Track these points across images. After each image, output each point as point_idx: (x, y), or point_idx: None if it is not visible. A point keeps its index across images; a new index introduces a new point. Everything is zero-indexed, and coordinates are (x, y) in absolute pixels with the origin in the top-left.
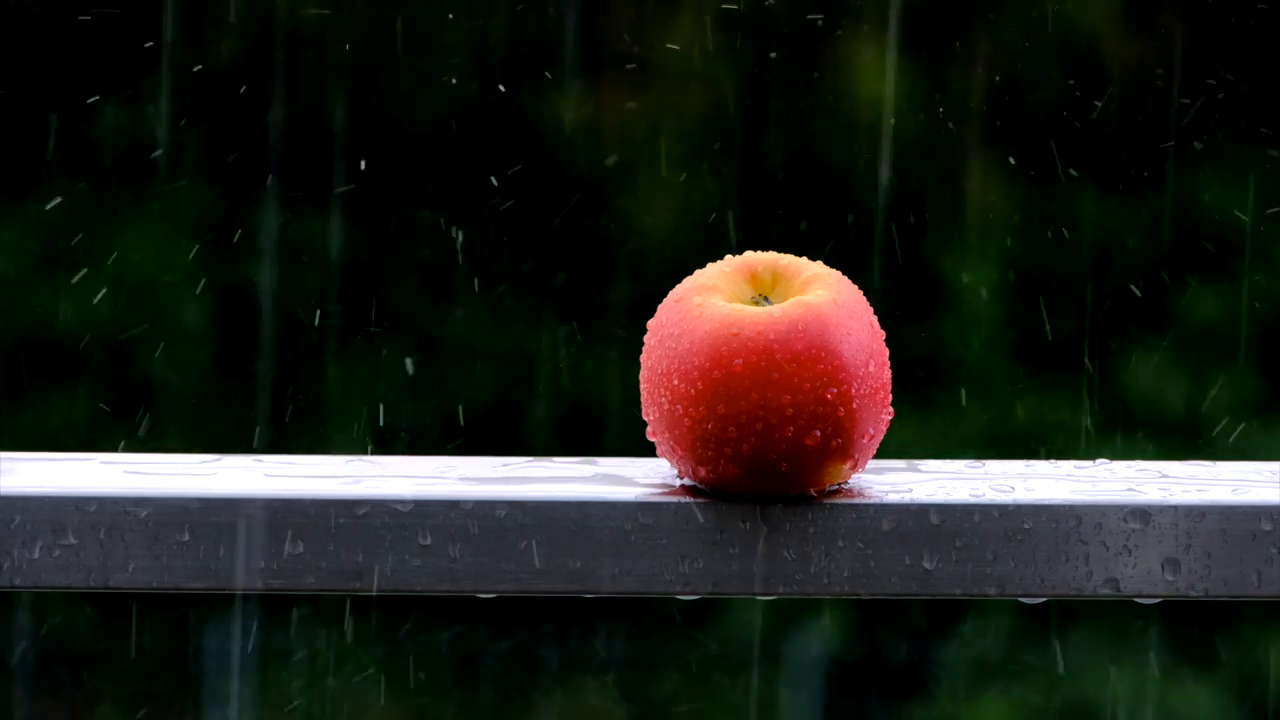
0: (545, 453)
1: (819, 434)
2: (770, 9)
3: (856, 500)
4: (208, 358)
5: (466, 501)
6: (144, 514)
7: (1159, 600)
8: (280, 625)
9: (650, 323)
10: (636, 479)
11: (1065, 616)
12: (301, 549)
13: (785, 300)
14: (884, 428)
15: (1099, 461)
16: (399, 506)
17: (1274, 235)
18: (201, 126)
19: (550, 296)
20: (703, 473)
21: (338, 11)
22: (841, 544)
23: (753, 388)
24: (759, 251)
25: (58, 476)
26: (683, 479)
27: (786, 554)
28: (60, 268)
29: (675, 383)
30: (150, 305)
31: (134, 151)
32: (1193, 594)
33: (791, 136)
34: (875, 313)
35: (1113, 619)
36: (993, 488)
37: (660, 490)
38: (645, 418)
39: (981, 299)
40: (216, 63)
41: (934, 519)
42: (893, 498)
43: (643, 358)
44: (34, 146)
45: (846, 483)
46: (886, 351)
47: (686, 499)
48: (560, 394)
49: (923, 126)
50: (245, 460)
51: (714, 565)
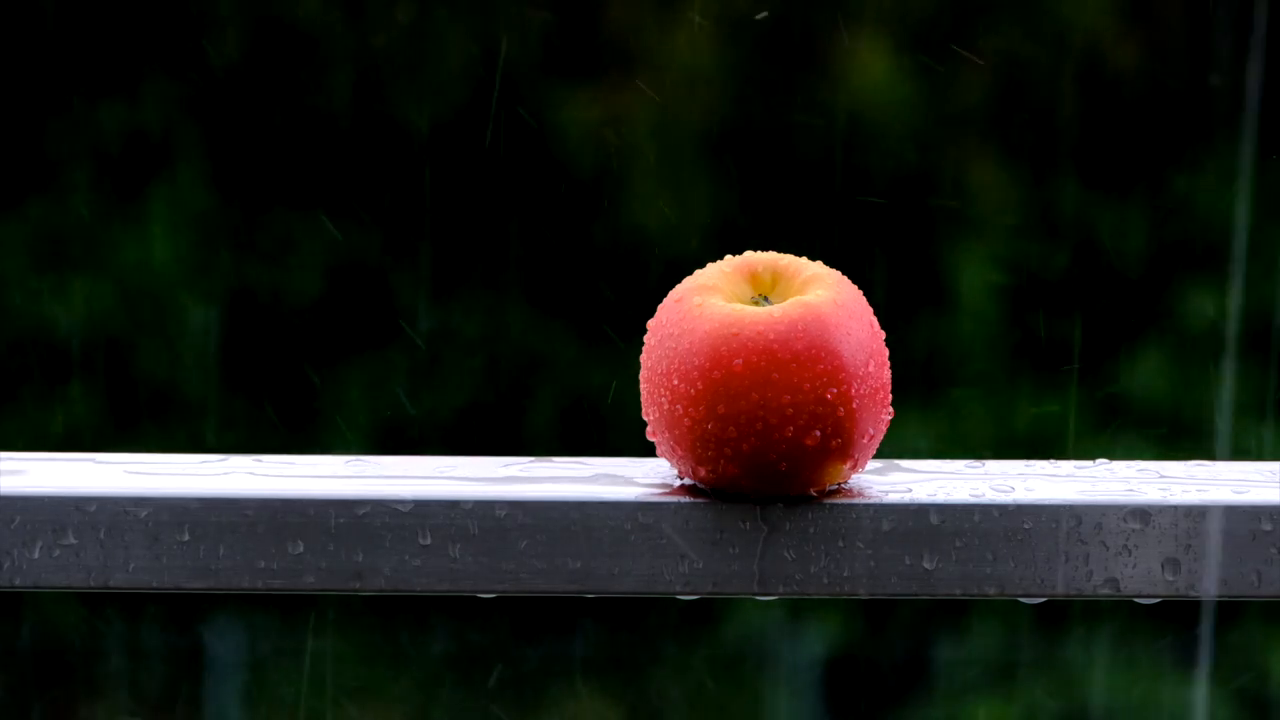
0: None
1: (819, 434)
2: (771, 9)
3: (856, 500)
4: (208, 358)
5: (466, 501)
6: (144, 514)
7: (1159, 600)
8: (280, 625)
9: (650, 323)
10: (636, 479)
11: (1065, 616)
12: (301, 549)
13: (785, 300)
14: (884, 428)
15: (1099, 461)
16: (399, 506)
17: (1274, 235)
18: (203, 126)
19: (551, 296)
20: (703, 473)
21: (339, 12)
22: (841, 544)
23: (753, 388)
24: (759, 251)
25: (58, 476)
26: (683, 479)
27: (786, 554)
28: (60, 268)
29: (675, 383)
30: (151, 305)
31: (135, 151)
32: (1193, 594)
33: (791, 136)
34: (875, 313)
35: (1113, 619)
36: (993, 488)
37: (660, 490)
38: (645, 418)
39: (982, 299)
40: (218, 63)
41: (934, 519)
42: (893, 498)
43: (643, 358)
44: (34, 147)
45: (846, 483)
46: (886, 351)
47: (686, 499)
48: (560, 394)
49: (923, 126)
50: (245, 460)
51: (714, 565)
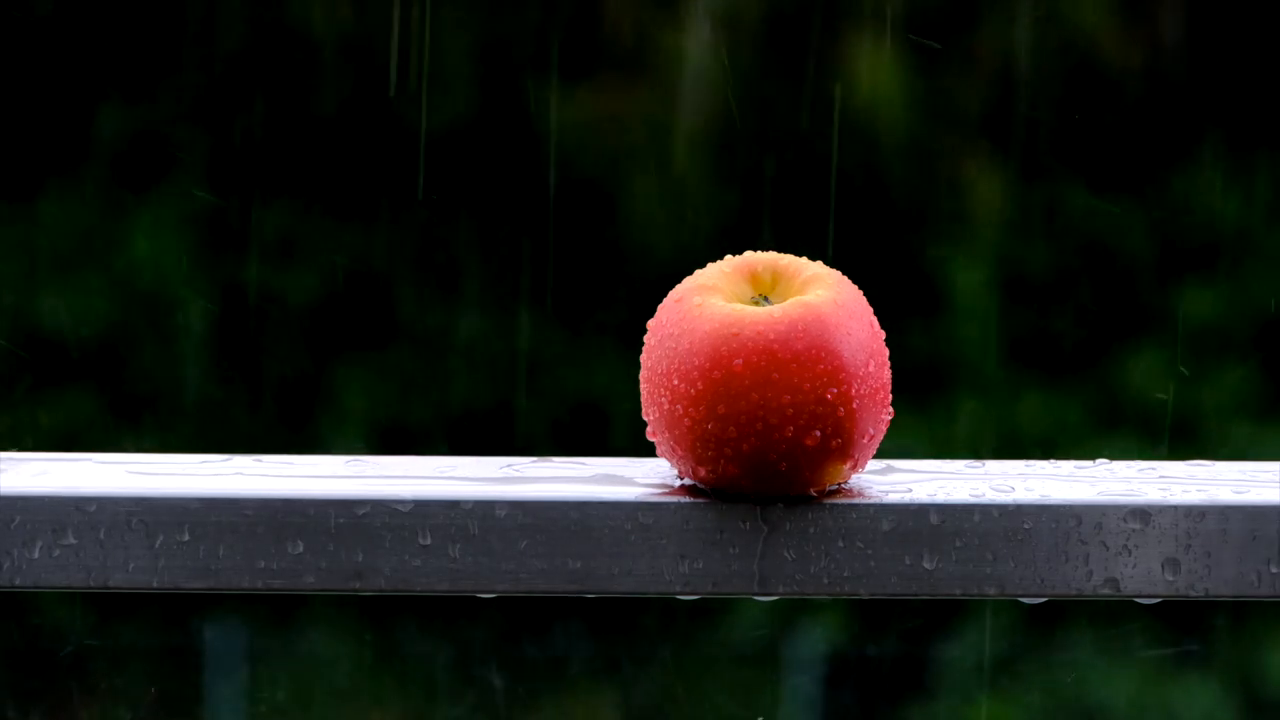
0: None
1: (819, 434)
2: (771, 9)
3: (856, 500)
4: (208, 358)
5: (466, 501)
6: (144, 514)
7: (1159, 600)
8: (280, 625)
9: (650, 323)
10: (636, 479)
11: (1065, 616)
12: (301, 549)
13: (785, 300)
14: (884, 428)
15: (1099, 461)
16: (399, 506)
17: (1273, 235)
18: (204, 126)
19: (551, 296)
20: (703, 473)
21: (340, 13)
22: (841, 544)
23: (753, 388)
24: (759, 251)
25: (58, 476)
26: (683, 479)
27: (786, 554)
28: (61, 268)
29: (675, 383)
30: (151, 305)
31: (135, 151)
32: (1193, 594)
33: (791, 136)
34: (875, 313)
35: (1113, 619)
36: (993, 488)
37: (660, 490)
38: (645, 418)
39: (981, 299)
40: (219, 63)
41: (934, 519)
42: (893, 498)
43: (643, 358)
44: (35, 147)
45: (846, 483)
46: (886, 351)
47: (686, 499)
48: (560, 394)
49: (922, 127)
50: (245, 460)
51: (714, 565)
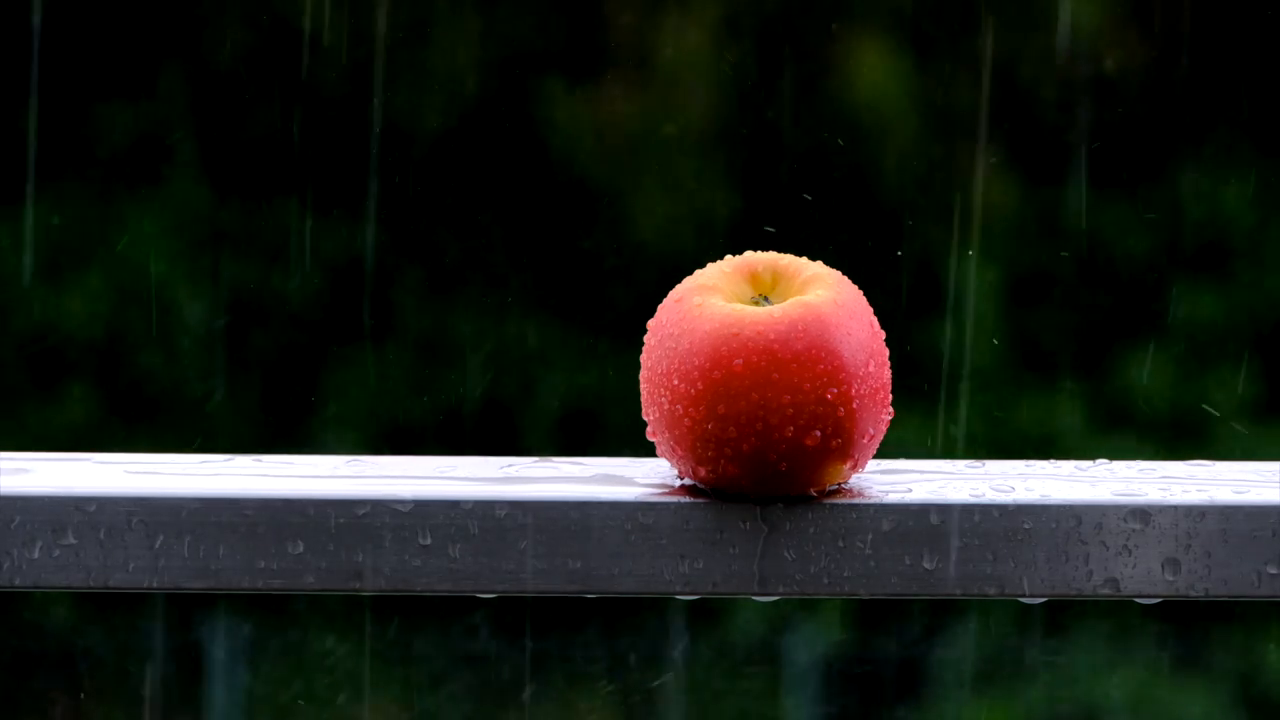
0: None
1: (819, 434)
2: (772, 9)
3: (856, 500)
4: (208, 357)
5: (466, 501)
6: (144, 514)
7: (1159, 600)
8: (280, 625)
9: (650, 323)
10: (636, 479)
11: (1065, 616)
12: (301, 549)
13: (785, 300)
14: (884, 428)
15: (1099, 461)
16: (399, 506)
17: (1273, 235)
18: (203, 127)
19: (551, 296)
20: (703, 473)
21: (340, 13)
22: (841, 544)
23: (753, 388)
24: (759, 251)
25: (57, 476)
26: (683, 479)
27: (786, 554)
28: (61, 268)
29: (675, 383)
30: (151, 305)
31: (135, 151)
32: (1193, 594)
33: (792, 136)
34: (875, 313)
35: (1113, 619)
36: (993, 488)
37: (660, 490)
38: (645, 418)
39: (982, 299)
40: (218, 63)
41: (934, 519)
42: (893, 498)
43: (643, 358)
44: (35, 147)
45: (846, 483)
46: (886, 351)
47: (686, 499)
48: (560, 394)
49: (923, 126)
50: (245, 460)
51: (714, 565)
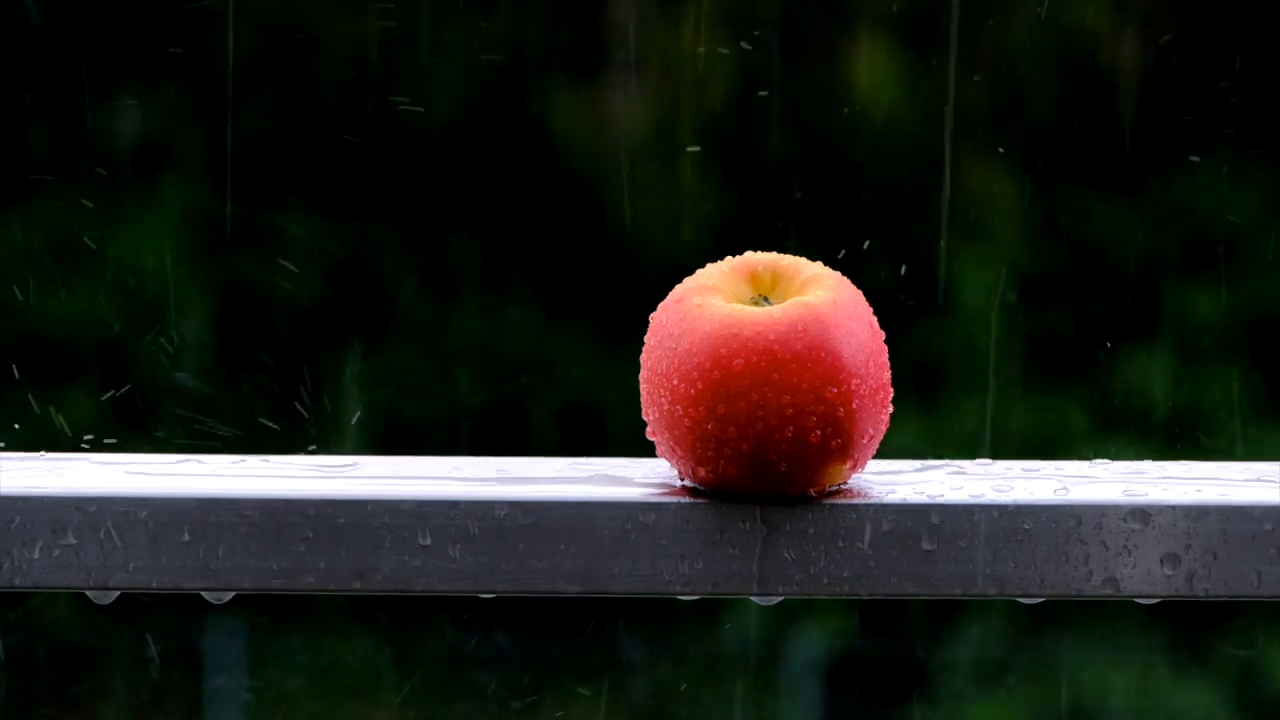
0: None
1: (819, 434)
2: (771, 9)
3: (856, 500)
4: (209, 358)
5: (466, 501)
6: (144, 514)
7: (1159, 600)
8: (280, 625)
9: (650, 323)
10: (636, 479)
11: (1065, 616)
12: (301, 549)
13: (785, 300)
14: (884, 428)
15: (1099, 461)
16: (399, 506)
17: (1273, 235)
18: (203, 126)
19: (551, 296)
20: (703, 473)
21: (340, 12)
22: (841, 544)
23: (752, 388)
24: (759, 252)
25: (58, 476)
26: (683, 479)
27: (786, 554)
28: (62, 268)
29: (675, 383)
30: (151, 305)
31: (136, 151)
32: (1193, 594)
33: (792, 136)
34: (875, 313)
35: (1112, 619)
36: (993, 488)
37: (660, 490)
38: (645, 418)
39: (982, 299)
40: (219, 63)
41: (934, 519)
42: (893, 498)
43: (643, 358)
44: (36, 147)
45: (846, 483)
46: (886, 351)
47: (686, 499)
48: (560, 394)
49: (923, 126)
50: (246, 460)
51: (714, 565)
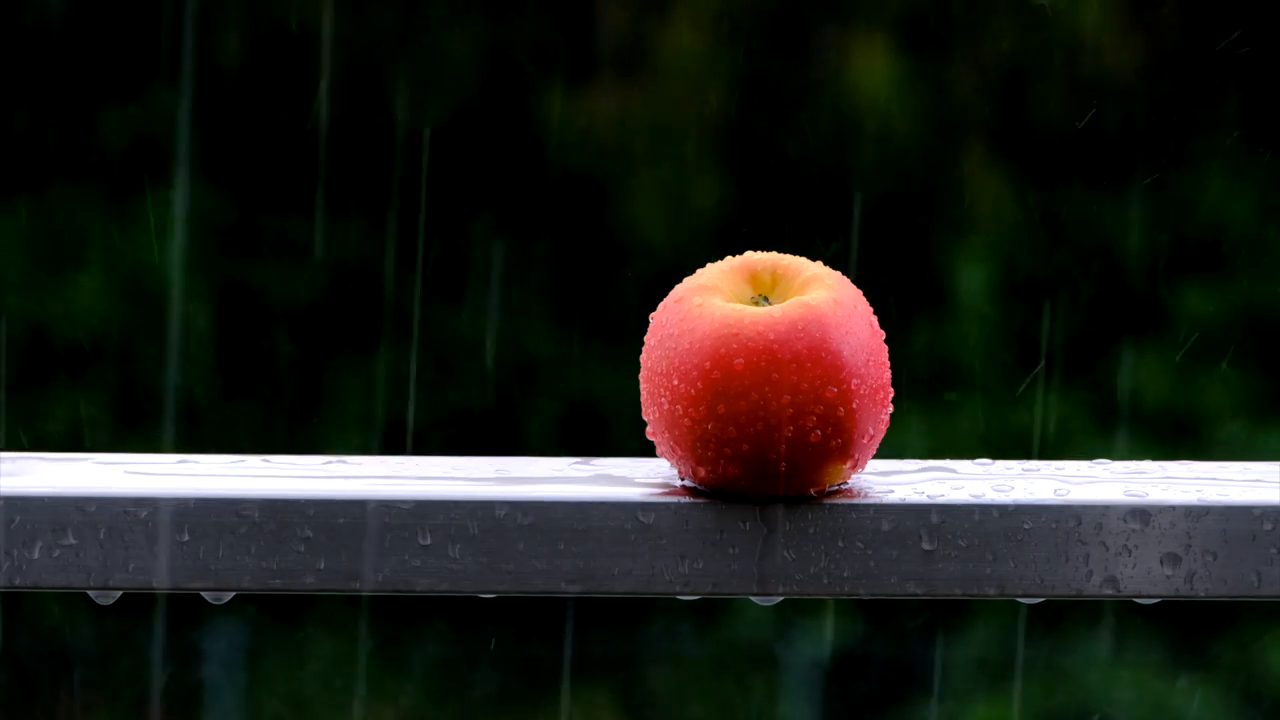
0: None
1: (819, 434)
2: (771, 8)
3: (856, 500)
4: (209, 358)
5: (466, 501)
6: (144, 514)
7: (1159, 600)
8: (280, 625)
9: (650, 323)
10: (636, 479)
11: (1065, 616)
12: (301, 549)
13: (785, 300)
14: (884, 428)
15: (1099, 461)
16: (399, 506)
17: (1273, 235)
18: (205, 127)
19: (551, 296)
20: (703, 473)
21: (340, 13)
22: (841, 544)
23: (753, 387)
24: (759, 252)
25: (58, 476)
26: (683, 479)
27: (786, 554)
28: (62, 268)
29: (675, 383)
30: (152, 305)
31: (135, 151)
32: (1193, 594)
33: (791, 136)
34: (875, 313)
35: (1113, 619)
36: (993, 488)
37: (660, 490)
38: (645, 418)
39: (981, 299)
40: (220, 64)
41: (934, 519)
42: (893, 498)
43: (643, 358)
44: (36, 147)
45: (846, 483)
46: (886, 351)
47: (686, 499)
48: (560, 394)
49: (923, 127)
50: (246, 460)
51: (714, 565)
